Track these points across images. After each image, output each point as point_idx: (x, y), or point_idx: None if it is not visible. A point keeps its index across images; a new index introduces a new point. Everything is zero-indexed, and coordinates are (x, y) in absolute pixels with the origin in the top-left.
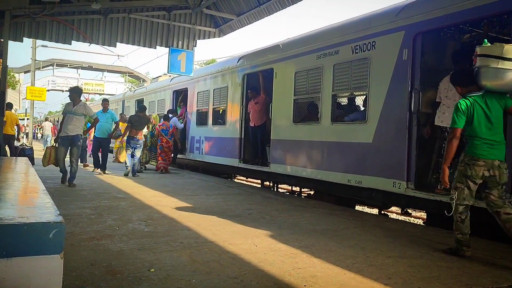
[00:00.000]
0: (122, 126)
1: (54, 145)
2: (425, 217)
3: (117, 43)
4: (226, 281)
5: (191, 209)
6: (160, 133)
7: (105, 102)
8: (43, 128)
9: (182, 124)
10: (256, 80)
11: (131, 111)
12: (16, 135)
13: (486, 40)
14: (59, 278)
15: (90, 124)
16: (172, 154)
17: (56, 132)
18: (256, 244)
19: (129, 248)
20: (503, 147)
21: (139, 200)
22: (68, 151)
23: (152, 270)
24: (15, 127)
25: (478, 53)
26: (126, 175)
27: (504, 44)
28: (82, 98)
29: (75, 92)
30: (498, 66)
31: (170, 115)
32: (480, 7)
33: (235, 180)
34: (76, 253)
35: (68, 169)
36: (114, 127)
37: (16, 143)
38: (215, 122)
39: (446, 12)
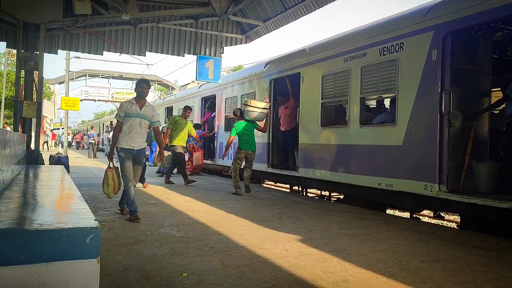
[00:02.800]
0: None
1: (111, 165)
2: (459, 220)
3: (146, 52)
4: (257, 285)
5: (221, 214)
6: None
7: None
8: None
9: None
10: (283, 85)
11: (161, 118)
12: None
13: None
14: (96, 282)
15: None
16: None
17: (96, 140)
18: (286, 249)
19: (162, 253)
20: None
21: (170, 206)
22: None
23: (185, 274)
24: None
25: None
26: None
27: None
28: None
29: (146, 84)
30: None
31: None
32: None
33: (264, 185)
34: (111, 258)
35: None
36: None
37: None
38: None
39: (476, 11)
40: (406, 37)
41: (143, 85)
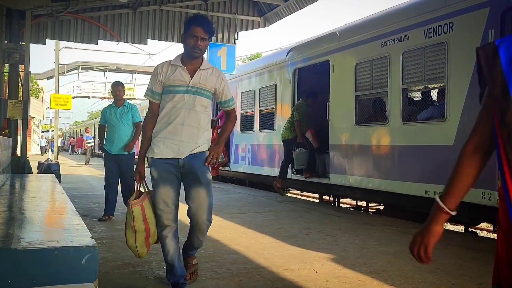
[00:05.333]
0: None
1: (142, 188)
2: None
3: (148, 40)
4: None
5: (239, 229)
6: None
7: None
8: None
9: None
10: (309, 75)
11: None
12: None
13: None
14: None
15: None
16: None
17: (98, 144)
18: (316, 270)
19: None
20: None
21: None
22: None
23: None
24: None
25: None
26: None
27: None
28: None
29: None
30: None
31: None
32: None
33: (288, 194)
34: (110, 281)
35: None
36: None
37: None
38: (262, 127)
39: None
40: (457, 16)
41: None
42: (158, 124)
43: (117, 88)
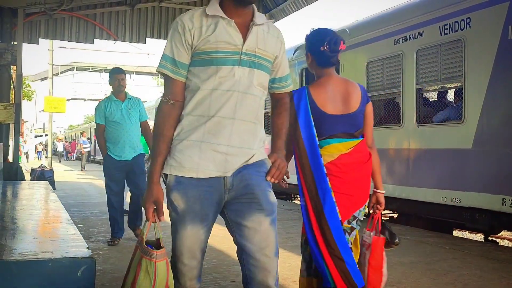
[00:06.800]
0: None
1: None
2: None
3: (146, 39)
4: None
5: None
6: None
7: None
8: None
9: None
10: None
11: None
12: None
13: None
14: None
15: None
16: None
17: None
18: None
19: None
20: None
21: None
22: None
23: None
24: None
25: None
26: None
27: None
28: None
29: None
30: None
31: None
32: None
33: (296, 201)
34: None
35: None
36: None
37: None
38: (268, 131)
39: None
40: (474, 11)
41: None
42: (187, 118)
43: (120, 76)
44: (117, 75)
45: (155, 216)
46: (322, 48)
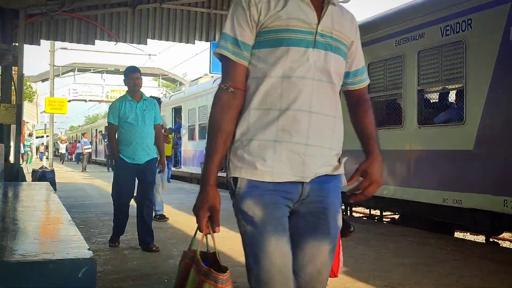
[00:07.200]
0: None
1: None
2: None
3: (147, 40)
4: None
5: None
6: None
7: None
8: None
9: None
10: None
11: (167, 121)
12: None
13: None
14: None
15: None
16: None
17: (107, 150)
18: (327, 283)
19: None
20: None
21: (180, 230)
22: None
23: None
24: None
25: None
26: None
27: None
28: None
29: None
30: None
31: None
32: None
33: None
34: None
35: None
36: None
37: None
38: None
39: None
40: (475, 12)
41: None
42: (254, 113)
43: (135, 75)
44: (132, 74)
45: (209, 227)
46: None
